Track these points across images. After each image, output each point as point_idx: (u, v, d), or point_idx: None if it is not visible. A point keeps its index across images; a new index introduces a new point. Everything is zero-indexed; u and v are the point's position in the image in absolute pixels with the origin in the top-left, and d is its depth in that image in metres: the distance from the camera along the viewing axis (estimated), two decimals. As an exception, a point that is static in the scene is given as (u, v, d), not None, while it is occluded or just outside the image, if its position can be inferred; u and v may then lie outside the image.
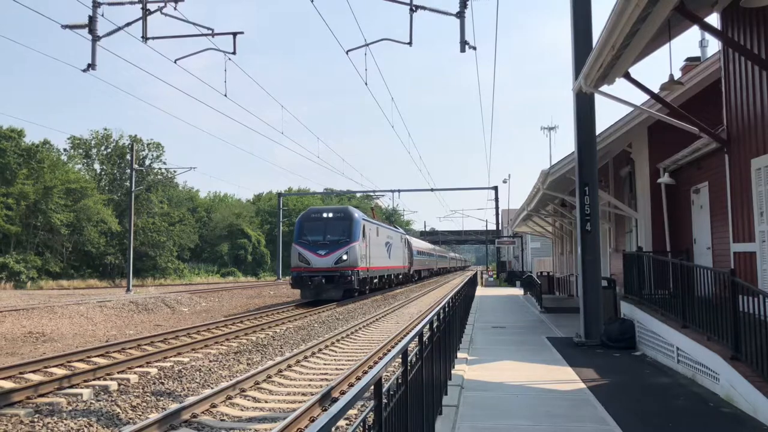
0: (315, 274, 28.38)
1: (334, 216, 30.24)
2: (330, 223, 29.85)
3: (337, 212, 30.73)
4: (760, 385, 6.61)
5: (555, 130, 69.30)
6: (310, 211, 31.62)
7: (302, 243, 29.52)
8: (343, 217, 30.28)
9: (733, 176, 11.02)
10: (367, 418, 3.22)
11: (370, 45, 17.67)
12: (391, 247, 40.02)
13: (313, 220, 30.35)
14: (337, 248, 29.00)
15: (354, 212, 30.85)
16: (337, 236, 29.36)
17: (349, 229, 29.66)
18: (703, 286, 8.67)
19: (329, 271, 28.46)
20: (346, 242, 29.20)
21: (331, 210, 31.20)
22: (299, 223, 30.86)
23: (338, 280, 28.42)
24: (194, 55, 19.28)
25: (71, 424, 7.85)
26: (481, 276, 52.72)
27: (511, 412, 7.06)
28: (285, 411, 8.62)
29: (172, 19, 16.95)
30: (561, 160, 16.39)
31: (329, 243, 29.16)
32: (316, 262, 28.67)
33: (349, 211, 31.00)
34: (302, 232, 30.02)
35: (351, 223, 29.97)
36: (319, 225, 29.93)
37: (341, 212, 30.76)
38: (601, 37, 9.13)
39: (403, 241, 46.75)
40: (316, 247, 29.13)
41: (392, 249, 40.69)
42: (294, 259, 29.65)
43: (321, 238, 29.35)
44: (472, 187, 74.14)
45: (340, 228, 29.67)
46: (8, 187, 53.60)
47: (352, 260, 29.01)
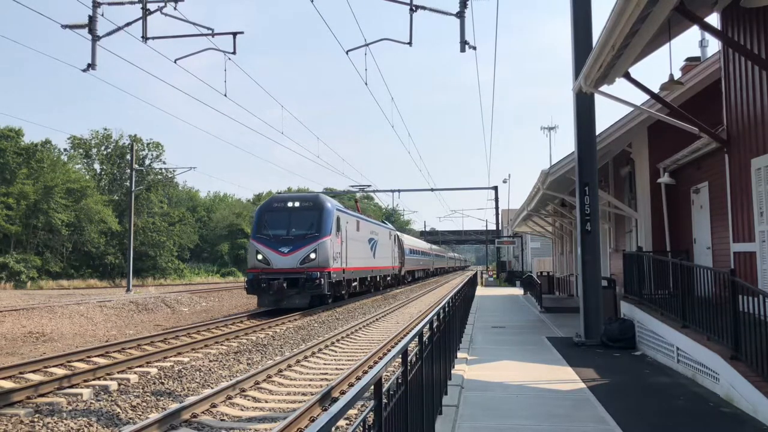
0: (275, 277, 23.23)
1: (301, 205, 25.07)
2: (296, 214, 24.75)
3: (304, 201, 25.38)
4: (760, 385, 6.61)
5: (555, 130, 69.40)
6: (272, 200, 26.10)
7: (261, 238, 24.43)
8: (311, 206, 25.02)
9: (733, 176, 11.02)
10: (367, 418, 3.22)
11: (370, 45, 17.67)
12: (376, 245, 34.83)
13: (276, 210, 25.11)
14: (304, 244, 23.88)
15: (326, 201, 25.67)
16: (304, 230, 24.34)
17: (319, 221, 24.49)
18: (703, 286, 8.67)
19: (293, 272, 23.36)
20: (315, 237, 24.05)
21: (297, 198, 25.78)
22: (258, 213, 25.62)
23: (304, 284, 23.27)
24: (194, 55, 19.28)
25: (71, 424, 7.85)
26: (481, 276, 52.74)
27: (511, 412, 7.06)
28: (285, 411, 8.62)
29: (172, 19, 16.97)
30: (561, 160, 16.39)
31: (294, 238, 24.08)
32: (278, 262, 23.62)
33: (320, 199, 25.57)
34: (262, 225, 24.94)
35: (321, 213, 24.74)
36: (283, 216, 24.74)
37: (310, 201, 25.44)
38: (601, 37, 9.13)
39: (393, 238, 41.75)
40: (278, 243, 24.02)
41: (378, 247, 35.45)
42: (251, 258, 24.56)
43: (284, 232, 24.28)
44: (472, 187, 74.10)
45: (308, 220, 24.60)
46: (8, 187, 53.62)
47: (322, 259, 23.85)
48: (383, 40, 17.87)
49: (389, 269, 39.82)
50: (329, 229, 24.70)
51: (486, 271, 61.21)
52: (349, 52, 17.61)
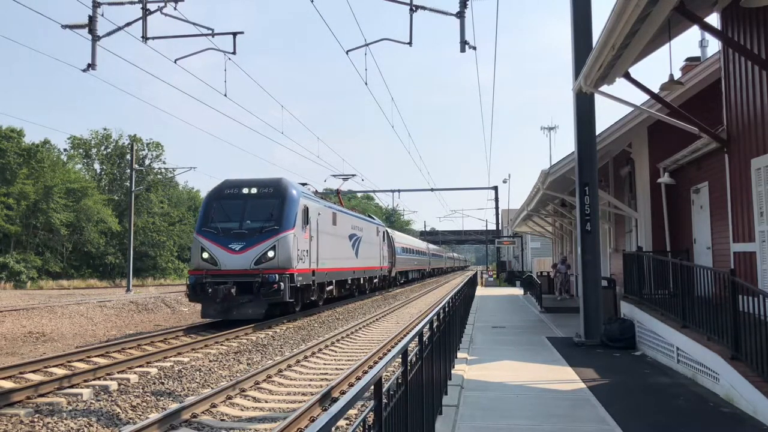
0: (223, 280, 18.70)
1: (259, 192, 20.41)
2: (252, 203, 20.20)
3: (263, 186, 20.57)
4: (760, 385, 6.61)
5: (555, 130, 69.36)
6: (224, 185, 21.10)
7: (208, 233, 19.77)
8: (271, 193, 20.36)
9: (733, 176, 11.02)
10: (367, 418, 3.22)
11: (370, 45, 17.68)
12: (359, 242, 30.42)
13: (227, 198, 20.47)
14: (260, 240, 19.32)
15: (290, 186, 20.85)
16: (261, 222, 19.77)
17: (280, 211, 19.84)
18: (703, 286, 8.67)
19: (245, 274, 18.83)
20: (274, 231, 19.44)
21: (254, 183, 20.79)
22: (206, 202, 20.93)
23: (259, 289, 18.62)
24: (194, 55, 19.25)
25: (71, 424, 7.85)
26: (481, 276, 52.74)
27: (511, 412, 7.06)
28: (285, 411, 8.62)
29: (172, 19, 16.96)
30: (561, 160, 16.40)
31: (248, 232, 19.55)
32: (227, 262, 19.15)
33: (283, 184, 20.73)
34: (209, 215, 20.26)
35: (283, 202, 20.05)
36: (236, 205, 20.22)
37: (269, 186, 20.58)
38: (601, 37, 9.13)
39: (381, 235, 37.39)
40: (228, 238, 19.47)
41: (362, 244, 30.95)
42: (194, 257, 19.97)
43: (237, 224, 19.78)
44: (472, 187, 74.14)
45: (266, 210, 19.99)
46: (8, 187, 53.66)
47: (283, 258, 19.26)
48: (383, 40, 17.88)
49: (376, 270, 35.42)
50: (293, 220, 20.00)
51: (486, 271, 61.19)
52: (349, 52, 17.62)
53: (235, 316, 18.78)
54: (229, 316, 18.82)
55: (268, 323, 19.13)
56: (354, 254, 29.27)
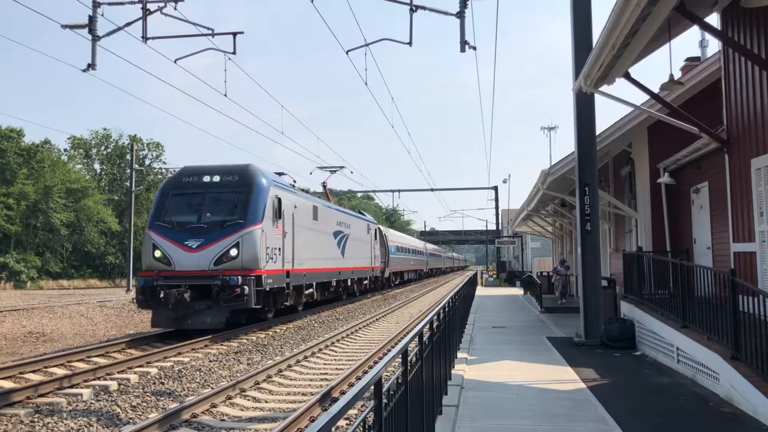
0: (176, 283, 16.12)
1: (222, 180, 17.73)
2: (214, 194, 17.54)
3: (227, 174, 17.89)
4: (760, 385, 6.61)
5: (555, 130, 69.34)
6: (182, 173, 18.53)
7: (162, 228, 17.19)
8: (236, 182, 17.66)
9: (733, 176, 11.03)
10: (367, 418, 3.22)
11: (370, 45, 17.68)
12: (346, 240, 27.68)
13: (186, 187, 17.84)
14: (221, 236, 16.69)
15: (258, 174, 18.02)
16: (223, 215, 17.15)
17: (245, 202, 17.23)
18: (703, 286, 8.67)
19: (203, 276, 16.24)
20: (238, 225, 16.84)
21: (217, 170, 18.11)
22: (161, 192, 18.27)
23: (218, 294, 15.96)
24: (194, 55, 19.24)
25: (71, 424, 7.85)
26: (481, 276, 52.73)
27: (512, 412, 7.06)
28: (285, 411, 8.62)
29: (172, 19, 16.95)
30: (561, 160, 16.40)
31: (208, 227, 16.92)
32: (182, 261, 16.54)
33: (250, 171, 18.00)
34: (164, 208, 17.66)
35: (250, 192, 17.41)
36: (195, 196, 17.58)
37: (234, 174, 17.88)
38: (601, 37, 9.13)
39: (373, 233, 34.77)
40: (184, 234, 16.89)
41: (350, 242, 28.27)
42: (145, 256, 17.42)
43: (195, 218, 17.19)
44: (472, 187, 74.31)
45: (229, 201, 17.39)
46: (8, 187, 53.69)
47: (248, 257, 16.64)
48: (383, 40, 17.89)
49: (367, 270, 32.70)
50: (260, 213, 17.23)
51: (486, 271, 61.20)
52: (349, 52, 17.62)
53: (190, 326, 16.04)
54: (183, 326, 16.10)
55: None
56: (340, 253, 26.74)
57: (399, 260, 45.66)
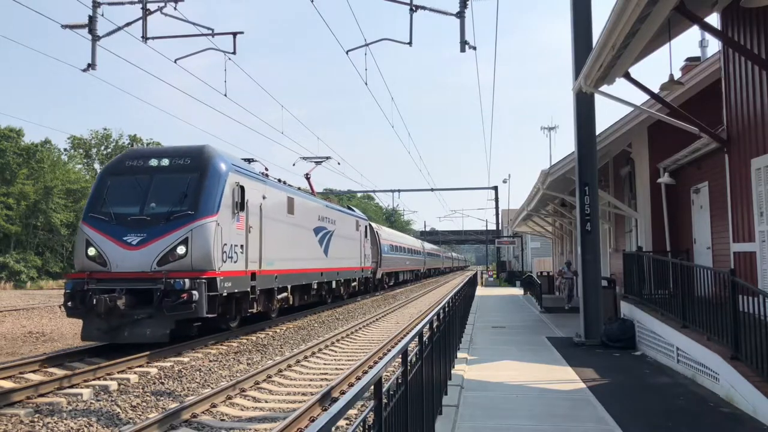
0: (111, 287, 13.28)
1: (171, 164, 14.93)
2: (160, 180, 14.71)
3: (177, 156, 15.05)
4: (760, 385, 6.61)
5: (555, 130, 69.26)
6: (126, 156, 15.74)
7: (97, 220, 14.33)
8: (187, 166, 14.81)
9: (733, 176, 11.03)
10: (367, 418, 3.22)
11: (370, 45, 17.68)
12: (330, 237, 24.85)
13: (128, 173, 15.00)
14: (167, 230, 13.92)
15: (215, 157, 15.08)
16: (170, 205, 14.28)
17: (197, 189, 14.36)
18: (703, 286, 8.68)
19: (143, 279, 13.48)
20: (188, 217, 13.99)
21: (166, 153, 15.47)
22: (99, 178, 15.45)
23: (161, 301, 13.15)
24: (194, 55, 19.22)
25: (71, 424, 7.85)
26: (480, 276, 52.74)
27: (512, 412, 7.06)
28: (285, 411, 8.62)
29: (172, 19, 16.93)
30: (561, 160, 16.41)
31: (152, 220, 14.13)
32: (120, 261, 13.77)
33: (205, 154, 15.07)
34: (101, 197, 14.74)
35: (203, 177, 14.53)
36: (138, 183, 14.73)
37: (186, 156, 15.04)
38: (601, 37, 9.14)
39: (363, 230, 31.84)
40: (123, 228, 14.08)
41: (334, 240, 25.49)
42: (78, 254, 14.43)
43: (137, 209, 14.36)
44: (472, 187, 74.30)
45: (178, 188, 14.45)
46: (8, 187, 53.71)
47: (199, 255, 13.80)
48: (383, 40, 17.88)
49: (355, 271, 29.88)
50: (216, 203, 14.37)
51: (486, 271, 61.21)
52: (349, 52, 17.62)
53: (127, 339, 13.18)
54: (118, 339, 13.23)
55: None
56: (322, 252, 23.87)
57: (393, 260, 43.03)
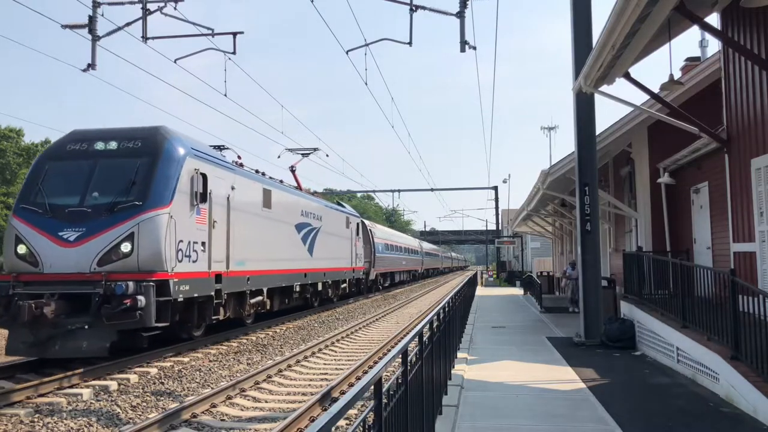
0: (43, 291, 11.38)
1: (119, 148, 12.92)
2: (104, 166, 12.67)
3: (128, 138, 13.06)
4: (760, 385, 6.61)
5: (555, 130, 69.31)
6: (68, 138, 13.42)
7: (30, 213, 12.34)
8: (138, 149, 12.84)
9: (733, 176, 11.03)
10: (367, 418, 3.23)
11: (370, 45, 17.67)
12: (315, 234, 22.61)
13: (69, 157, 12.95)
14: (110, 224, 11.92)
15: (170, 140, 13.08)
16: (114, 195, 12.25)
17: (147, 176, 12.42)
18: (703, 286, 8.68)
19: (80, 282, 11.50)
20: (134, 209, 12.04)
21: (115, 134, 13.24)
22: (36, 164, 13.38)
23: (99, 308, 11.17)
24: (194, 55, 19.22)
25: (71, 424, 7.85)
26: (480, 276, 52.74)
27: (511, 412, 7.06)
28: (285, 411, 8.62)
29: (172, 19, 16.92)
30: (561, 160, 16.41)
31: (93, 212, 12.09)
32: (54, 261, 11.82)
33: (159, 135, 13.12)
34: (35, 185, 12.75)
35: (155, 162, 12.59)
36: (79, 169, 12.67)
37: (137, 138, 13.05)
38: (601, 37, 9.14)
39: (354, 228, 29.49)
40: (58, 222, 12.08)
41: (320, 237, 23.16)
42: (6, 251, 12.41)
43: (76, 200, 12.29)
44: (472, 187, 74.22)
45: (125, 175, 12.46)
46: (8, 187, 53.68)
47: (148, 253, 11.90)
48: (383, 40, 17.88)
49: (346, 272, 27.65)
50: (170, 192, 12.36)
51: (486, 271, 61.20)
52: (349, 52, 17.62)
53: (59, 353, 11.20)
54: (47, 354, 11.24)
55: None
56: (306, 251, 21.62)
57: (388, 260, 40.67)
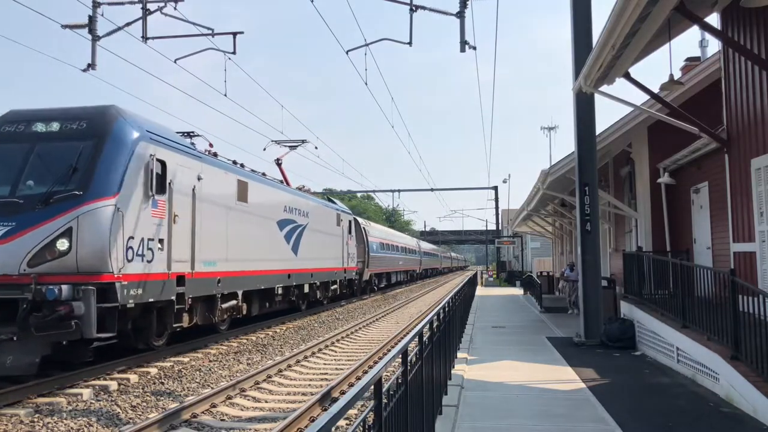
0: None
1: (61, 129, 11.21)
2: (42, 150, 10.99)
3: (71, 120, 11.28)
4: (760, 385, 6.61)
5: (555, 130, 69.32)
6: (4, 120, 11.66)
7: None
8: (82, 131, 11.06)
9: (733, 176, 11.03)
10: (367, 418, 3.23)
11: (370, 45, 17.66)
12: (301, 232, 20.80)
13: (4, 140, 11.29)
14: (45, 217, 10.10)
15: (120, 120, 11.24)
16: (51, 184, 10.44)
17: (91, 162, 10.62)
18: (703, 286, 8.68)
19: (5, 285, 9.75)
20: (74, 200, 10.21)
21: (57, 115, 11.45)
22: None
23: (28, 316, 9.45)
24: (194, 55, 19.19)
25: (71, 424, 7.85)
26: (480, 276, 52.74)
27: (511, 412, 7.06)
28: (285, 411, 8.62)
29: (172, 19, 16.91)
30: (561, 160, 16.41)
31: (25, 203, 10.32)
32: None
33: (108, 116, 11.25)
34: None
35: (100, 146, 10.79)
36: (14, 153, 10.99)
37: (82, 119, 11.24)
38: (601, 37, 9.14)
39: (345, 226, 27.54)
40: None
41: (307, 236, 21.29)
42: None
43: (7, 189, 10.61)
44: (472, 187, 74.30)
45: (66, 160, 10.68)
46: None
47: (90, 251, 10.06)
48: (383, 40, 17.87)
49: (337, 272, 25.75)
50: (116, 180, 10.62)
51: (486, 271, 61.21)
52: (349, 52, 17.60)
53: None
54: None
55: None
56: (290, 250, 19.80)
57: (383, 259, 38.73)
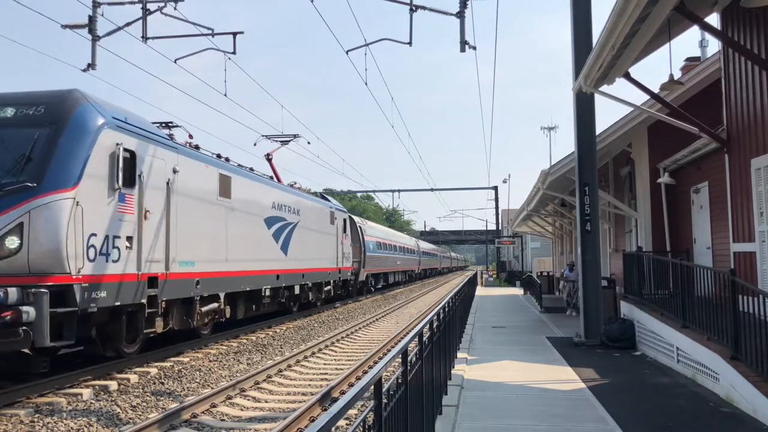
0: None
1: (17, 115, 9.91)
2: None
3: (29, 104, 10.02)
4: (760, 385, 6.61)
5: (555, 130, 69.26)
6: None
7: None
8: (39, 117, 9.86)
9: (733, 176, 11.03)
10: (367, 418, 3.23)
11: (370, 45, 17.66)
12: (291, 230, 20.00)
13: None
14: None
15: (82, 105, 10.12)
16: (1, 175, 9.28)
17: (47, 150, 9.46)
18: (703, 286, 8.68)
19: None
20: (27, 192, 9.08)
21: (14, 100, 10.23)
22: None
23: None
24: (194, 55, 19.18)
25: (71, 424, 7.85)
26: (480, 276, 52.73)
27: (511, 412, 7.06)
28: (285, 411, 8.62)
29: (172, 19, 16.91)
30: (561, 160, 16.40)
31: None
32: None
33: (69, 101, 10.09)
34: None
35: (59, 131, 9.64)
36: None
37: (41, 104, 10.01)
38: (601, 37, 9.14)
39: (340, 225, 26.67)
40: None
41: (298, 234, 20.50)
42: None
43: None
44: (472, 187, 74.32)
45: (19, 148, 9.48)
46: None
47: (43, 250, 8.97)
48: (383, 40, 17.86)
49: (330, 272, 24.81)
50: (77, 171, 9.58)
51: (486, 271, 61.20)
52: (349, 52, 17.60)
53: None
54: None
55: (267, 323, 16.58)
56: (279, 249, 18.88)
57: (380, 259, 37.69)
